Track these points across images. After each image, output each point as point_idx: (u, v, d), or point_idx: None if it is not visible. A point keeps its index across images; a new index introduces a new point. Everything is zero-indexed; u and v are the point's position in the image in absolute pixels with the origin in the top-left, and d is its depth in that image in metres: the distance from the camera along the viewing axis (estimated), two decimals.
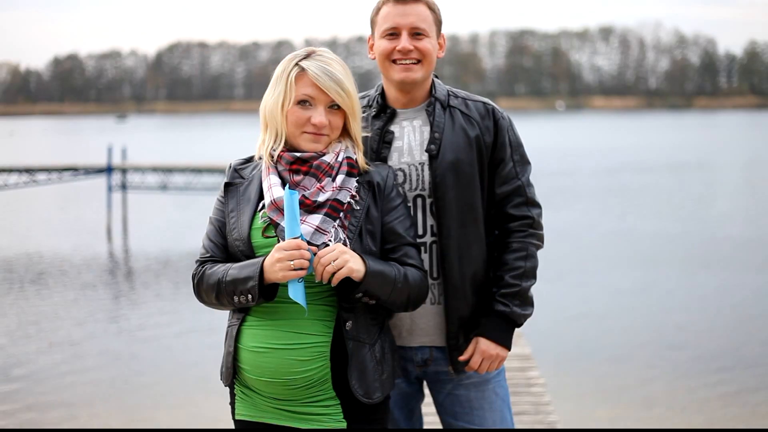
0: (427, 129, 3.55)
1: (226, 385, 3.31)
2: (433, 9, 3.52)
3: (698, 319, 15.05)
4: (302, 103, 3.18)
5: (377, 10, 3.53)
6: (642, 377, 11.85)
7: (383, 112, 3.58)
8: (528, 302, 3.58)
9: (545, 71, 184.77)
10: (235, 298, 3.12)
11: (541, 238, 3.63)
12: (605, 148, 61.26)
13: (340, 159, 3.22)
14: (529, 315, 3.61)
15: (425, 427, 3.99)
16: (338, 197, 3.16)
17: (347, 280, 3.09)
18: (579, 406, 10.52)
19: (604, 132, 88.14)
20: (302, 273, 3.01)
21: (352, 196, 3.19)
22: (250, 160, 3.35)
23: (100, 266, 21.49)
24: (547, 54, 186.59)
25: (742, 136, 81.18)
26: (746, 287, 17.35)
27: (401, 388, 3.64)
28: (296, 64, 3.19)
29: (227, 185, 3.31)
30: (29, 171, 28.60)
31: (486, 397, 3.64)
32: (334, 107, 3.21)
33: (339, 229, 3.14)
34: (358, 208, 3.19)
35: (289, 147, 3.22)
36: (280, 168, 3.20)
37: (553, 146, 61.26)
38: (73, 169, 29.02)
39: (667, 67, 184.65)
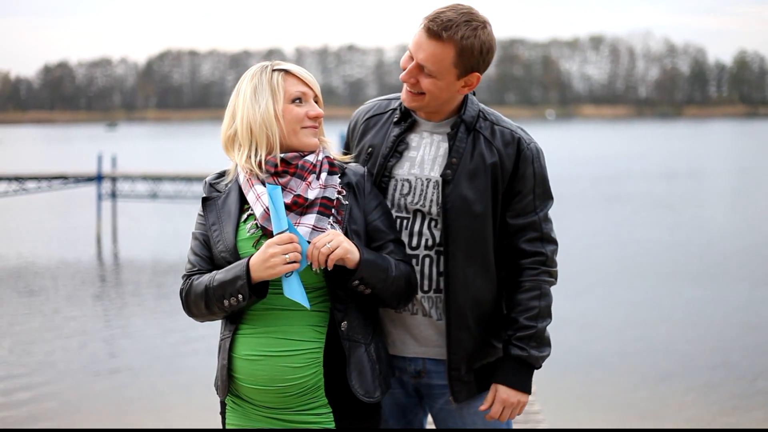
0: (444, 146, 3.47)
1: (222, 400, 3.30)
2: (461, 53, 3.31)
3: (688, 327, 15.09)
4: (295, 101, 3.23)
5: (419, 24, 3.39)
6: (632, 386, 11.87)
7: (404, 120, 3.51)
8: (545, 343, 3.47)
9: (535, 80, 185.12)
10: (225, 302, 3.10)
11: (554, 275, 3.51)
12: (595, 157, 61.39)
13: (320, 158, 3.26)
14: (547, 356, 3.49)
15: None
16: (326, 194, 3.19)
17: (342, 272, 3.11)
18: (569, 415, 10.53)
19: (595, 141, 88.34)
20: (297, 266, 3.01)
21: (339, 192, 3.23)
22: (223, 174, 3.38)
23: (89, 274, 21.45)
24: (537, 63, 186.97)
25: (733, 144, 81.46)
26: (737, 296, 17.39)
27: (398, 398, 3.59)
28: (274, 70, 3.25)
29: (205, 200, 3.33)
30: (19, 179, 28.57)
31: (479, 413, 3.55)
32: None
33: (335, 225, 3.17)
34: (347, 203, 3.23)
35: (284, 150, 3.23)
36: (263, 176, 3.21)
37: (544, 155, 61.26)
38: (63, 178, 28.98)
39: (657, 76, 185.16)
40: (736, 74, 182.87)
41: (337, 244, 3.05)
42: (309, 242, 3.10)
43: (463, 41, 3.28)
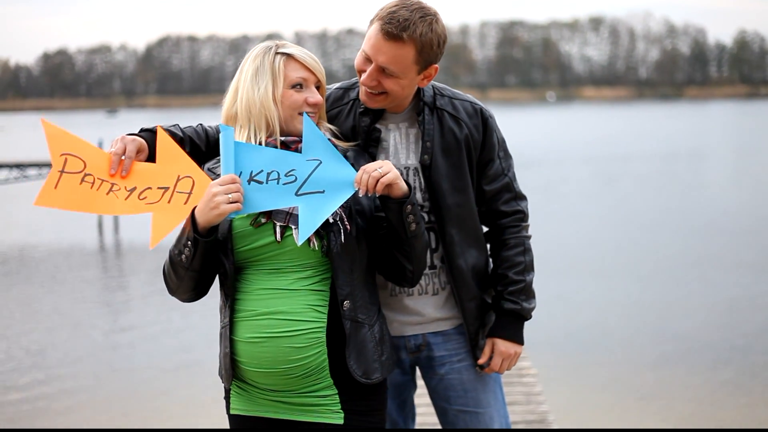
0: (413, 131, 3.53)
1: (227, 387, 3.30)
2: (422, 50, 3.30)
3: (691, 310, 15.09)
4: (295, 86, 3.22)
5: (371, 21, 3.38)
6: (634, 367, 11.88)
7: (371, 109, 3.52)
8: (532, 295, 3.66)
9: (536, 62, 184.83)
10: (183, 257, 3.12)
11: (528, 229, 3.69)
12: (596, 139, 61.30)
13: None
14: (534, 307, 3.68)
15: (418, 417, 4.01)
16: None
17: (386, 205, 3.12)
18: (570, 396, 10.55)
19: (595, 122, 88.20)
20: (239, 207, 3.01)
21: None
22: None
23: (91, 260, 21.47)
24: (537, 45, 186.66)
25: (733, 125, 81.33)
26: (741, 277, 17.39)
27: (395, 378, 3.66)
28: (277, 53, 3.23)
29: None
30: (19, 166, 28.55)
31: (479, 379, 3.67)
32: (316, 88, 3.29)
33: None
34: None
35: (284, 133, 3.23)
36: None
37: (544, 137, 61.31)
38: None
39: (657, 56, 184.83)
40: (736, 54, 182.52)
41: (389, 168, 3.06)
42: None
43: (422, 38, 3.29)
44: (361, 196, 3.13)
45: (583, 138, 62.33)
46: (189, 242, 3.08)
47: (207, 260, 3.14)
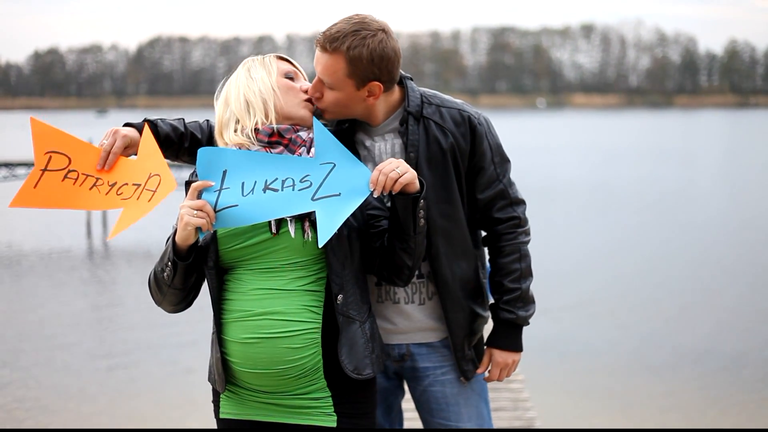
0: (398, 142, 3.50)
1: (221, 392, 3.28)
2: (351, 63, 3.26)
3: (678, 315, 15.13)
4: (287, 77, 3.31)
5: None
6: (621, 374, 11.91)
7: (343, 122, 3.53)
8: (530, 301, 3.65)
9: (526, 68, 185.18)
10: (165, 274, 3.14)
11: (528, 232, 3.66)
12: (586, 146, 61.41)
13: (312, 135, 3.26)
14: (533, 313, 3.66)
15: (406, 423, 4.01)
16: None
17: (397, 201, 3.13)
18: (558, 403, 10.56)
19: (585, 129, 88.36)
20: (202, 222, 3.02)
21: None
22: None
23: (79, 261, 21.42)
24: (528, 51, 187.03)
25: (723, 134, 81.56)
26: (728, 286, 17.44)
27: (380, 383, 3.65)
28: (264, 56, 3.38)
29: (188, 183, 3.29)
30: (9, 165, 28.45)
31: (462, 393, 3.66)
32: None
33: None
34: None
35: (279, 122, 3.25)
36: (254, 148, 3.21)
37: (534, 144, 61.39)
38: None
39: (647, 65, 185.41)
40: (726, 64, 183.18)
41: (406, 169, 3.07)
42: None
43: (350, 52, 3.25)
44: (375, 197, 3.15)
45: (573, 145, 62.42)
46: (169, 262, 3.11)
47: (188, 278, 3.17)
